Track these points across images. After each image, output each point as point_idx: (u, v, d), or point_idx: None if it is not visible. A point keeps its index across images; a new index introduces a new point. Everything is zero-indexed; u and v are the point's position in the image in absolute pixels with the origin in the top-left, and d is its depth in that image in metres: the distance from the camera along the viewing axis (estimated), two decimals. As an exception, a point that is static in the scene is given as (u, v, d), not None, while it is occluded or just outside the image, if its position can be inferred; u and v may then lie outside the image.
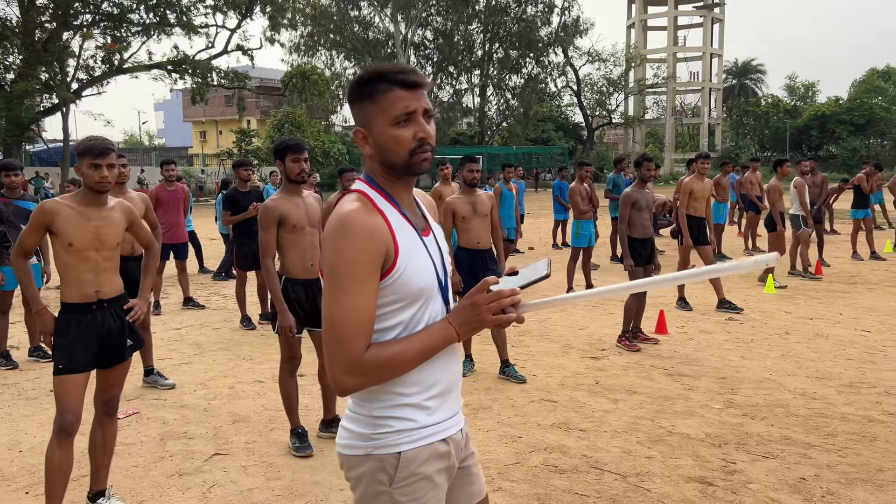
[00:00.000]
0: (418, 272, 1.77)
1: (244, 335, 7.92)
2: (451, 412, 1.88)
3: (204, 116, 62.90)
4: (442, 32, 48.88)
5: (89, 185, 3.50)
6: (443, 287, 1.86)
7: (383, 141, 1.76)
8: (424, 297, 1.79)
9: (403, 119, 1.74)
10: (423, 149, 1.77)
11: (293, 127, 36.17)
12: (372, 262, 1.69)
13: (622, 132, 66.63)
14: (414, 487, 1.80)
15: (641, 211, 7.22)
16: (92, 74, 32.67)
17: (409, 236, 1.78)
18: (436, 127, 1.93)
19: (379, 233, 1.71)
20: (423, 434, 1.81)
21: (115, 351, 3.66)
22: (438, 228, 1.97)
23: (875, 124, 57.46)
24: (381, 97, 1.75)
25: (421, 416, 1.81)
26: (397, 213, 1.80)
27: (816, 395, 5.58)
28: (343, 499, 3.89)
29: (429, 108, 1.79)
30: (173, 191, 9.03)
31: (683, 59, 67.96)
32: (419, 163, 1.78)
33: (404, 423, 1.80)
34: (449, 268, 1.92)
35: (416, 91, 1.76)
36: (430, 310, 1.81)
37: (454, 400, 1.90)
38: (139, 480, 4.17)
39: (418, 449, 1.80)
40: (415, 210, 1.89)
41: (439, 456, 1.84)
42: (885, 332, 7.62)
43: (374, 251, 1.69)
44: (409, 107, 1.74)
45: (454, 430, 1.89)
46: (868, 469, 4.20)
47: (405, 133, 1.75)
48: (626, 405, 5.40)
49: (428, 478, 1.81)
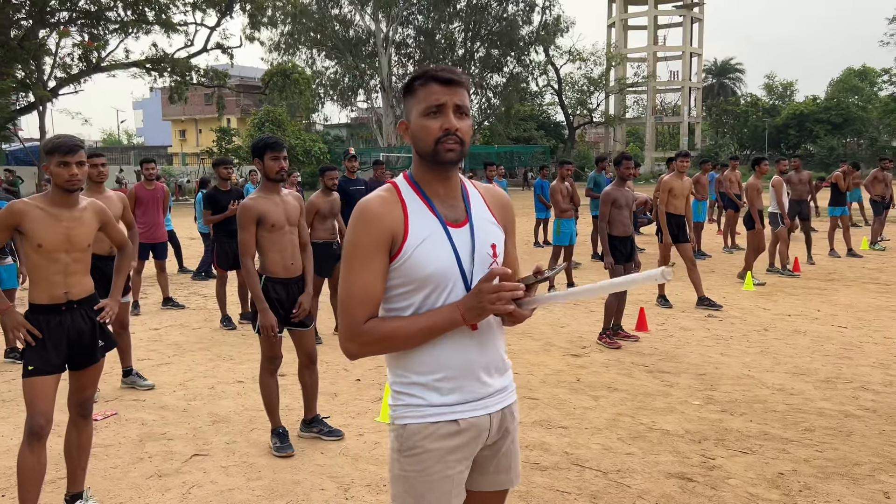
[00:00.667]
0: (428, 258, 1.89)
1: (224, 335, 7.87)
2: (468, 397, 1.97)
3: (183, 115, 62.41)
4: (423, 31, 48.82)
5: (59, 184, 3.43)
6: (464, 274, 1.94)
7: (415, 130, 1.92)
8: (435, 284, 1.91)
9: (433, 111, 1.89)
10: (448, 139, 1.88)
11: (274, 126, 36.01)
12: (374, 245, 1.88)
13: (603, 131, 66.94)
14: (418, 459, 1.94)
15: (622, 209, 7.27)
16: (69, 72, 32.28)
17: (427, 225, 1.92)
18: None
19: (385, 219, 1.89)
20: (430, 412, 1.94)
21: (87, 352, 3.61)
22: (486, 222, 2.03)
23: (851, 123, 58.16)
24: (419, 90, 1.92)
25: (430, 396, 1.94)
26: (421, 202, 1.95)
27: (794, 390, 5.64)
28: (324, 498, 3.88)
29: (461, 104, 1.91)
30: (152, 190, 8.94)
31: (663, 59, 68.45)
32: (444, 152, 1.89)
33: (413, 399, 1.96)
34: (484, 259, 1.98)
35: (450, 87, 1.89)
36: (451, 297, 1.92)
37: (475, 386, 1.98)
38: (117, 482, 4.13)
39: (422, 425, 1.94)
40: (452, 202, 1.99)
41: (447, 435, 1.94)
42: (862, 328, 7.72)
43: (376, 235, 1.88)
44: (439, 99, 1.88)
45: (472, 414, 1.97)
46: (845, 463, 4.25)
47: (433, 124, 1.89)
48: (606, 402, 5.43)
49: (430, 452, 1.93)
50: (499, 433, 2.06)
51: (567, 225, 10.18)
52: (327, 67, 48.83)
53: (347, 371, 6.33)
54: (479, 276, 1.97)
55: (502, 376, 2.06)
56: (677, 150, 9.95)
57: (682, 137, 64.53)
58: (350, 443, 4.67)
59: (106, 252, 5.57)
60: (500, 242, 2.04)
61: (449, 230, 1.95)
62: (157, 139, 75.65)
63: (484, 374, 1.99)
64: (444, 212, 1.97)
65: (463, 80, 1.93)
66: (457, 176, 2.03)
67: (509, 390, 2.09)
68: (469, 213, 2.01)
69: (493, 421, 2.02)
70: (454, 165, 1.94)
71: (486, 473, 2.09)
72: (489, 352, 2.00)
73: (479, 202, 2.06)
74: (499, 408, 2.03)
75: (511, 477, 2.14)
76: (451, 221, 1.96)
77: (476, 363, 1.97)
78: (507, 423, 2.07)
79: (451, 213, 1.98)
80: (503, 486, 2.13)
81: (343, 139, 54.11)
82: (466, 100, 1.93)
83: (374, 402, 5.47)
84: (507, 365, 2.10)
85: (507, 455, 2.10)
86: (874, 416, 5.03)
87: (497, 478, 2.11)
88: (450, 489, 1.97)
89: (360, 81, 48.65)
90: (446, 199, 1.99)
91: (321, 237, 7.27)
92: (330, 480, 4.12)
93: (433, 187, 1.98)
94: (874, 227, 14.59)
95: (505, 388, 2.07)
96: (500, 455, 2.09)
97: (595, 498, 3.85)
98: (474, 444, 2.00)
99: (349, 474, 4.19)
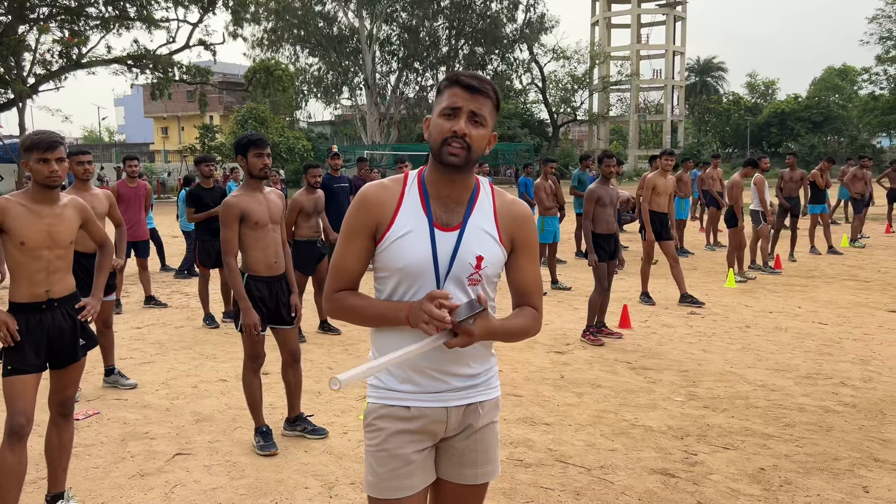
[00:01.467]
0: (405, 252, 1.98)
1: (207, 333, 7.82)
2: (423, 388, 2.04)
3: (165, 112, 61.98)
4: (407, 28, 48.72)
5: (39, 180, 3.39)
6: (438, 277, 1.99)
7: (431, 128, 1.98)
8: (405, 278, 1.99)
9: (448, 112, 1.94)
10: (454, 141, 1.92)
11: (257, 123, 35.81)
12: (358, 226, 2.02)
13: (587, 129, 67.16)
14: (374, 434, 2.08)
15: (605, 207, 7.30)
16: (49, 69, 31.92)
17: (414, 221, 1.99)
18: (407, 123, 2.03)
19: (375, 206, 2.01)
20: (387, 395, 2.07)
21: (68, 351, 3.57)
22: (480, 232, 2.03)
23: (832, 122, 58.72)
24: (444, 91, 1.97)
25: (388, 380, 2.07)
26: (418, 198, 2.02)
27: (775, 386, 5.69)
28: (308, 497, 3.87)
29: (478, 112, 1.93)
30: (134, 187, 8.87)
31: (647, 57, 68.75)
32: (447, 154, 1.93)
33: (373, 380, 2.11)
34: (465, 268, 2.00)
35: (471, 93, 1.93)
36: (418, 295, 1.99)
37: (429, 381, 2.04)
38: (99, 482, 4.09)
39: (379, 405, 2.08)
40: (452, 205, 2.03)
41: (400, 419, 2.05)
42: (842, 324, 7.80)
43: (361, 218, 2.02)
44: (456, 103, 1.93)
45: (425, 404, 2.04)
46: (825, 458, 4.30)
47: (446, 124, 1.93)
48: (590, 399, 5.45)
49: (383, 430, 2.06)
50: (459, 427, 2.09)
51: (551, 223, 10.21)
52: (311, 64, 48.66)
53: (331, 369, 6.32)
54: (454, 282, 2.00)
55: (467, 377, 2.07)
56: (661, 149, 10.01)
57: (665, 136, 64.86)
58: (334, 441, 4.66)
59: (90, 250, 5.51)
60: (489, 255, 2.02)
61: (435, 231, 1.99)
62: (138, 136, 75.05)
63: (439, 372, 2.03)
64: (439, 213, 2.01)
65: (486, 90, 1.94)
66: (466, 182, 2.03)
67: (479, 388, 2.10)
68: (465, 219, 2.02)
69: (451, 415, 2.06)
70: (456, 169, 1.95)
71: (450, 464, 2.14)
72: (450, 355, 2.02)
73: (484, 211, 2.05)
74: (459, 403, 2.07)
75: (477, 473, 2.15)
76: (441, 224, 2.00)
77: (434, 360, 2.02)
78: (470, 419, 2.09)
79: (445, 215, 2.01)
80: (468, 480, 2.14)
81: (327, 136, 53.94)
82: (486, 109, 1.94)
83: (358, 400, 5.46)
84: (479, 368, 2.10)
85: (473, 451, 2.12)
86: (853, 412, 5.09)
87: (462, 471, 2.14)
88: (398, 467, 2.04)
89: (344, 79, 48.50)
90: (447, 201, 2.02)
91: (305, 235, 7.25)
92: (314, 479, 4.11)
93: (437, 187, 2.02)
94: (854, 224, 14.75)
95: (472, 387, 2.08)
96: (464, 450, 2.12)
97: (578, 494, 3.87)
98: (427, 432, 2.07)
99: (333, 472, 4.19)
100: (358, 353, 6.86)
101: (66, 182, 9.01)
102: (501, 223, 2.06)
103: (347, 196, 8.88)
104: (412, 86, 51.68)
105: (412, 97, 51.23)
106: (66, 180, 4.71)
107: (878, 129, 58.86)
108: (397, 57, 50.05)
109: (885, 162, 38.78)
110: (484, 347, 2.10)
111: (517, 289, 2.14)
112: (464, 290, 2.02)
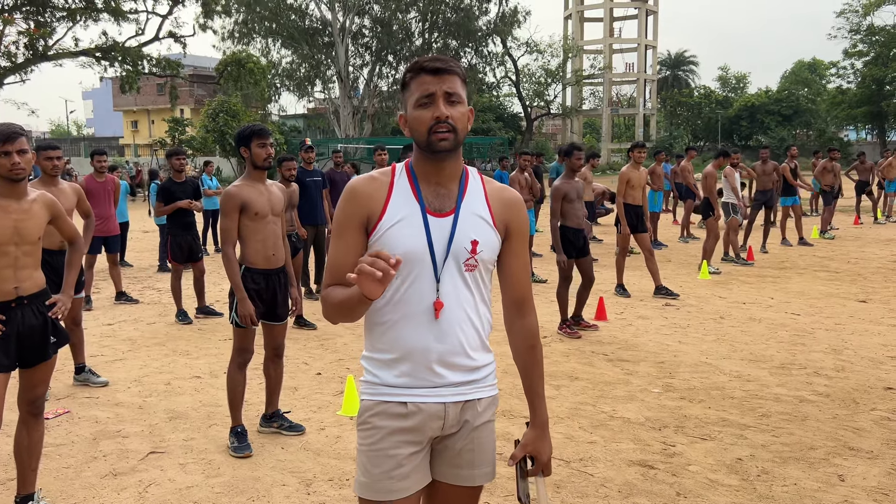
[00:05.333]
0: (399, 240, 1.94)
1: (180, 330, 7.71)
2: (419, 382, 1.99)
3: (135, 105, 61.04)
4: (380, 21, 48.41)
5: (2, 174, 3.30)
6: (435, 263, 1.96)
7: (410, 122, 1.96)
8: (404, 266, 1.93)
9: (424, 101, 1.92)
10: (439, 127, 1.91)
11: (229, 116, 35.33)
12: (348, 220, 2.00)
13: (560, 122, 67.36)
14: (368, 433, 2.02)
15: (573, 202, 7.29)
16: (14, 61, 31.24)
17: (406, 208, 1.97)
18: (381, 116, 2.00)
19: (364, 198, 1.99)
20: (383, 391, 2.01)
21: (38, 349, 3.48)
22: (474, 217, 2.02)
23: (801, 115, 59.47)
24: (411, 83, 1.96)
25: (383, 373, 2.02)
26: (409, 187, 2.00)
27: (751, 377, 5.74)
28: (285, 494, 3.82)
29: (452, 91, 1.92)
30: (103, 182, 8.71)
31: (619, 51, 69.09)
32: (437, 141, 1.92)
33: (368, 376, 2.06)
34: (461, 252, 1.98)
35: (439, 76, 1.92)
36: (416, 282, 1.96)
37: (427, 374, 1.99)
38: (70, 482, 4.01)
39: (375, 402, 2.02)
40: (442, 191, 2.01)
41: (396, 416, 1.99)
42: (814, 314, 7.90)
43: (351, 212, 2.00)
44: (428, 89, 1.91)
45: (422, 400, 1.99)
46: (801, 448, 4.34)
47: (425, 114, 1.92)
48: (568, 391, 5.45)
49: (378, 429, 2.00)
50: (456, 425, 2.04)
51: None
52: (283, 57, 48.18)
53: (307, 365, 6.26)
54: (451, 268, 1.99)
55: (466, 371, 2.03)
56: (633, 141, 10.04)
57: (637, 129, 65.27)
58: (311, 437, 4.61)
59: (57, 246, 5.39)
60: (483, 239, 2.02)
61: (428, 217, 1.97)
62: (108, 130, 73.88)
63: (438, 364, 1.99)
64: (430, 199, 2.00)
65: (452, 68, 1.94)
66: (455, 167, 2.03)
67: (478, 385, 2.06)
68: (458, 204, 2.01)
69: (449, 411, 2.02)
70: (449, 153, 1.96)
71: (446, 465, 2.08)
72: (448, 344, 1.99)
73: (476, 196, 2.05)
74: (456, 399, 2.02)
75: (474, 474, 2.09)
76: (434, 210, 1.99)
77: (431, 352, 1.98)
78: (467, 416, 2.05)
79: (437, 201, 2.00)
80: (464, 481, 2.09)
81: (300, 130, 53.51)
82: (458, 87, 1.94)
83: (335, 395, 5.41)
84: (478, 361, 2.06)
85: (470, 451, 2.07)
86: (827, 401, 5.15)
87: (458, 471, 2.08)
88: (391, 468, 1.98)
89: (317, 72, 48.11)
90: (438, 188, 2.01)
91: (279, 229, 7.16)
92: (291, 476, 4.06)
93: (426, 175, 2.01)
94: (824, 216, 14.95)
95: (469, 383, 2.04)
96: (461, 449, 2.07)
97: (559, 487, 3.87)
98: (424, 430, 2.01)
99: (311, 469, 4.14)
100: (334, 347, 6.80)
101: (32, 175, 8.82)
102: (494, 209, 2.05)
103: (320, 190, 8.79)
104: (386, 79, 51.45)
105: (386, 90, 50.97)
106: (32, 173, 4.59)
107: (845, 123, 59.79)
108: (370, 50, 49.75)
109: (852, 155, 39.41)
110: (481, 340, 2.08)
111: (513, 276, 2.11)
112: (461, 276, 2.00)
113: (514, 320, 2.15)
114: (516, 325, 2.15)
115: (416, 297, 1.97)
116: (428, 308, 1.97)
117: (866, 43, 53.05)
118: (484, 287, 2.06)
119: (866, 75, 52.36)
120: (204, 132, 36.45)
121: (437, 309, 1.97)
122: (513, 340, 2.16)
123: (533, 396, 2.13)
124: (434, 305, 1.97)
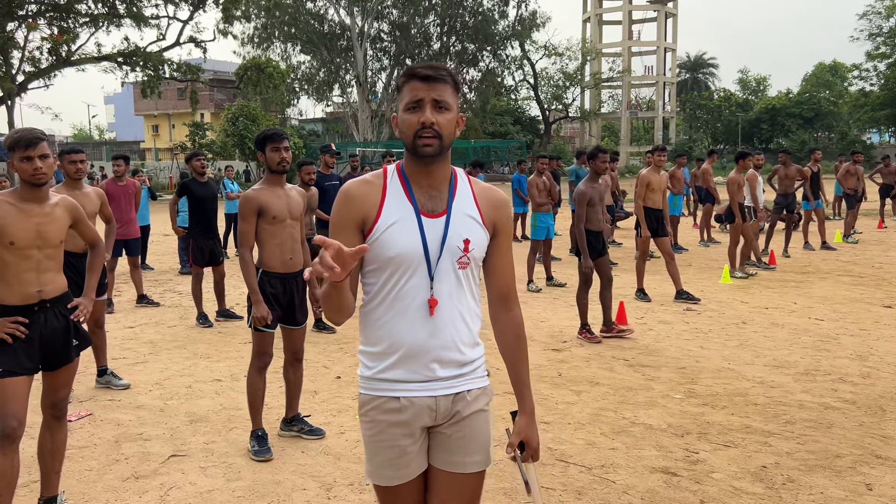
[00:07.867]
0: (395, 241, 2.02)
1: (201, 333, 7.75)
2: (412, 377, 2.08)
3: (156, 110, 61.66)
4: (398, 25, 48.55)
5: (25, 179, 3.32)
6: (430, 262, 2.04)
7: (399, 124, 2.04)
8: (398, 266, 2.03)
9: (412, 106, 2.00)
10: (424, 132, 1.98)
11: (248, 120, 35.58)
12: (344, 223, 2.06)
13: (578, 126, 67.16)
14: (369, 425, 2.13)
15: (595, 206, 7.25)
16: (38, 66, 31.71)
17: (400, 210, 2.04)
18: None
19: (359, 200, 2.05)
20: (377, 385, 2.10)
21: (61, 352, 3.50)
22: (465, 217, 2.10)
23: (823, 118, 58.89)
24: (403, 87, 2.03)
25: (375, 363, 2.11)
26: (401, 189, 2.07)
27: (774, 383, 5.66)
28: (306, 499, 3.82)
29: (440, 99, 2.00)
30: (123, 185, 8.80)
31: (638, 54, 68.71)
32: (421, 146, 2.00)
33: (362, 369, 2.15)
34: (454, 251, 2.07)
35: (429, 83, 1.99)
36: (411, 281, 2.04)
37: (419, 368, 2.07)
38: (93, 485, 4.03)
39: (371, 397, 2.12)
40: (434, 193, 2.09)
41: (391, 410, 2.09)
42: (838, 320, 7.79)
43: (346, 213, 2.06)
44: (417, 95, 1.99)
45: (414, 394, 2.08)
46: (826, 455, 4.27)
47: (413, 118, 2.00)
48: (588, 397, 5.41)
49: (377, 422, 2.10)
50: (447, 416, 2.12)
51: (544, 219, 10.17)
52: (302, 62, 48.45)
53: (327, 369, 6.26)
54: (445, 266, 2.07)
55: (457, 365, 2.12)
56: (654, 145, 9.96)
57: (656, 132, 64.88)
58: (331, 441, 4.61)
59: (80, 249, 5.44)
60: (475, 238, 2.11)
61: (421, 218, 2.06)
62: (129, 134, 74.65)
63: (431, 360, 2.08)
64: (423, 201, 2.07)
65: (443, 76, 2.01)
66: (443, 169, 2.11)
67: (467, 377, 2.14)
68: (450, 205, 2.09)
69: (440, 404, 2.10)
70: (432, 158, 2.03)
71: (440, 451, 2.16)
72: (442, 340, 2.08)
73: (465, 197, 2.14)
74: (447, 392, 2.11)
75: (465, 461, 2.15)
76: (427, 211, 2.07)
77: (425, 347, 2.07)
78: (458, 407, 2.13)
79: (429, 202, 2.08)
80: (457, 468, 2.16)
81: (318, 134, 53.77)
82: (447, 94, 2.01)
83: (354, 399, 5.41)
84: (468, 356, 2.14)
85: (461, 437, 2.14)
86: (853, 408, 5.07)
87: (450, 458, 2.15)
88: (394, 457, 2.10)
89: (336, 76, 48.33)
90: (429, 189, 2.09)
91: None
92: (312, 480, 4.06)
93: (417, 177, 2.09)
94: (847, 220, 14.77)
95: (460, 376, 2.13)
96: (452, 436, 2.14)
97: (580, 494, 3.83)
98: (418, 422, 2.10)
99: (331, 473, 4.13)
100: (353, 351, 6.80)
101: (54, 180, 8.93)
102: (483, 208, 2.14)
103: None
104: (404, 83, 51.38)
105: (404, 94, 50.96)
106: (55, 178, 4.64)
107: (867, 125, 59.13)
108: (388, 54, 49.89)
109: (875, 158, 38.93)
110: (472, 335, 2.15)
111: (500, 272, 2.21)
112: (454, 274, 2.09)
113: (501, 313, 2.23)
114: (503, 318, 2.23)
115: (411, 295, 2.06)
116: (423, 305, 2.06)
117: (889, 45, 52.43)
118: (474, 283, 2.16)
119: (889, 77, 51.74)
120: (224, 136, 36.73)
121: (431, 306, 2.06)
122: (499, 333, 2.24)
123: (521, 386, 2.22)
124: (429, 303, 2.06)
